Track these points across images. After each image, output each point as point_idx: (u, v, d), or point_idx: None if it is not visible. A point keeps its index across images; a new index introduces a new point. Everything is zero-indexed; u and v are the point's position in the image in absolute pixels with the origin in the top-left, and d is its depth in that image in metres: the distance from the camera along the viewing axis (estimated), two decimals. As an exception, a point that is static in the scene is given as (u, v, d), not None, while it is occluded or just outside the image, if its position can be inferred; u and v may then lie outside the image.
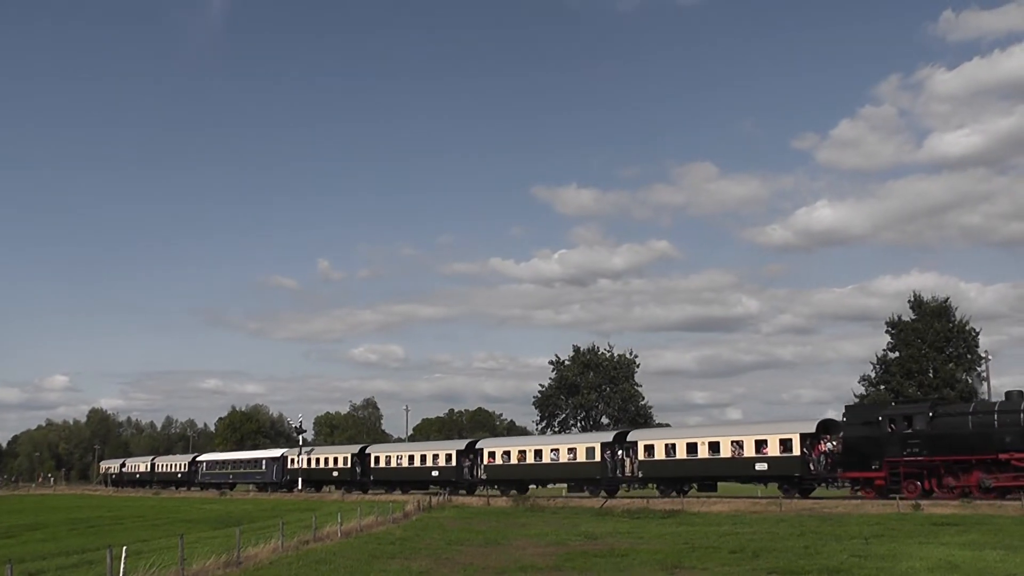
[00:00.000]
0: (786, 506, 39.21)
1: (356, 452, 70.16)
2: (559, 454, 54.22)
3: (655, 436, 51.54)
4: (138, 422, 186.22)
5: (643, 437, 51.26)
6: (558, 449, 54.76)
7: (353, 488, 67.61)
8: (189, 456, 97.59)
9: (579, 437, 58.38)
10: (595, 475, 51.65)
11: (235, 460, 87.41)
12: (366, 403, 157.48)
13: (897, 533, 26.96)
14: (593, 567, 21.01)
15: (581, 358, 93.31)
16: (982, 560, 20.03)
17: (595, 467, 51.60)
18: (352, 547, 26.40)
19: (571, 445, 54.34)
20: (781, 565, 20.29)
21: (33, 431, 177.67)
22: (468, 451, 60.92)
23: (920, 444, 38.85)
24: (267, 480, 78.78)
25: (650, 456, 49.24)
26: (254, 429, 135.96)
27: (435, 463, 61.86)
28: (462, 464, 60.15)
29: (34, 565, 25.14)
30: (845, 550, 22.59)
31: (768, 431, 45.71)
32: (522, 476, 56.77)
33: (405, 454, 65.85)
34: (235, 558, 22.48)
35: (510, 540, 28.06)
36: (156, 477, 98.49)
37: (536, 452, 55.87)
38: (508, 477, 57.28)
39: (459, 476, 59.84)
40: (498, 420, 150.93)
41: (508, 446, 59.28)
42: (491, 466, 58.10)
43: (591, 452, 51.96)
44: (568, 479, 54.97)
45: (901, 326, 68.25)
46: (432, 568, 21.40)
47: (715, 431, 48.99)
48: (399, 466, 65.12)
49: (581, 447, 53.01)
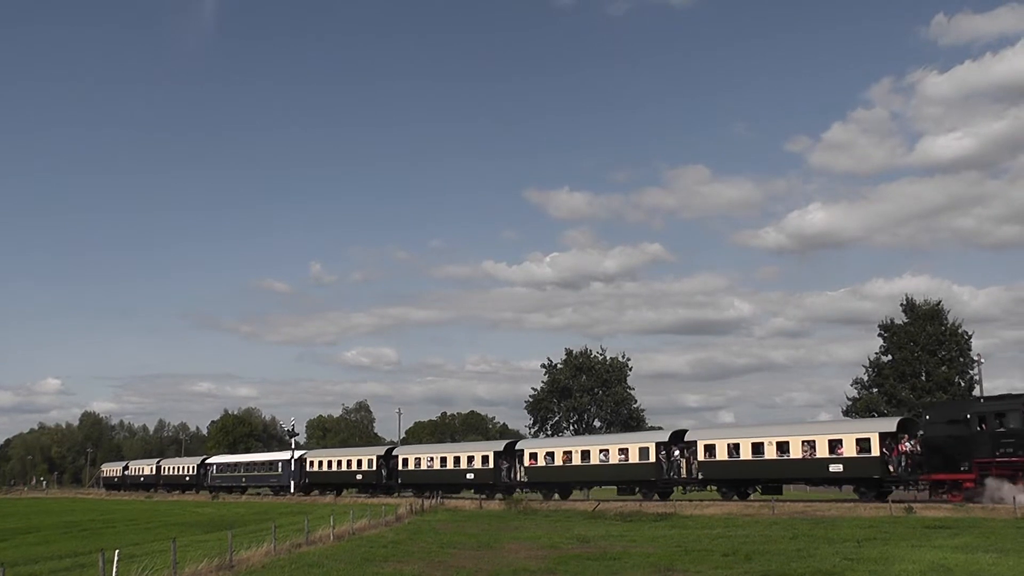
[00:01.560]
0: (779, 509, 39.20)
1: (382, 454, 67.68)
2: (609, 455, 51.17)
3: (717, 435, 48.30)
4: (131, 425, 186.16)
5: (703, 436, 48.29)
6: (608, 450, 51.59)
7: (378, 492, 65.05)
8: (198, 459, 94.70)
9: (632, 436, 55.00)
10: (649, 477, 48.97)
11: (248, 463, 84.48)
12: (359, 406, 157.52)
13: (890, 536, 27.00)
14: (586, 570, 21.00)
15: (574, 361, 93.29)
16: (975, 563, 20.04)
17: (649, 468, 48.83)
18: (344, 551, 26.35)
19: (623, 445, 51.33)
20: (774, 568, 20.31)
21: (25, 434, 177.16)
22: (507, 452, 58.12)
23: (1015, 444, 35.76)
24: (283, 483, 76.02)
25: (711, 456, 46.52)
26: (247, 432, 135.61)
27: (470, 465, 59.11)
28: (500, 466, 57.47)
29: (26, 569, 25.06)
30: (838, 553, 22.61)
31: (843, 430, 43.62)
32: (567, 479, 54.23)
33: (436, 456, 62.96)
34: (227, 562, 22.45)
35: (503, 543, 28.04)
36: (162, 480, 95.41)
37: (583, 453, 52.76)
38: (551, 480, 54.68)
39: (496, 479, 57.20)
40: (491, 423, 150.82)
41: (552, 447, 56.14)
42: (532, 468, 55.10)
43: (645, 452, 49.19)
44: (619, 481, 52.00)
45: (894, 329, 68.42)
46: (424, 571, 21.38)
47: (784, 430, 46.15)
48: (429, 468, 62.28)
49: (634, 447, 50.18)
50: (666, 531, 31.73)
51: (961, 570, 19.16)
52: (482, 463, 58.40)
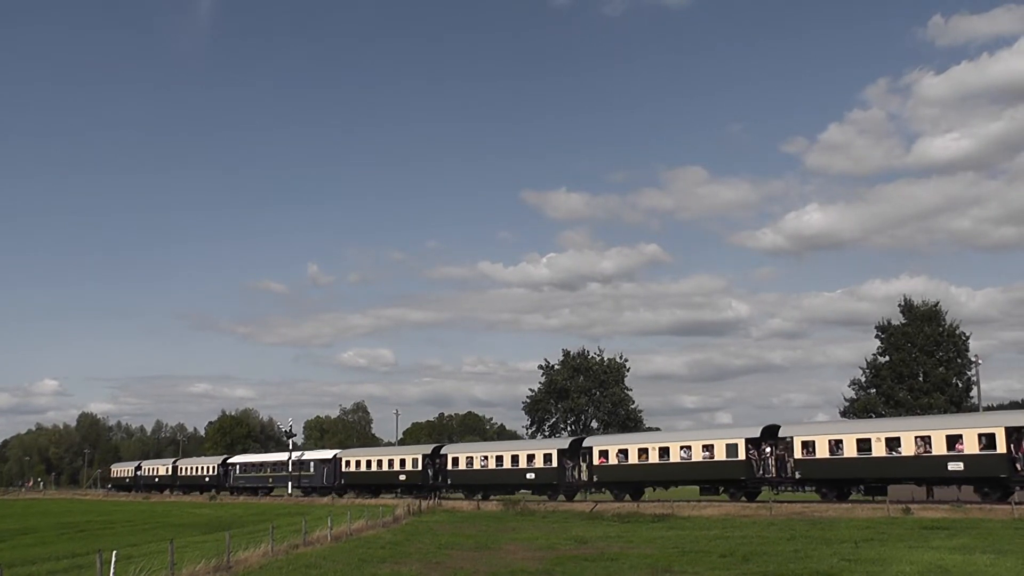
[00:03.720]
0: (776, 510, 39.22)
1: (428, 453, 63.76)
2: (691, 452, 47.72)
3: (816, 431, 45.14)
4: (128, 426, 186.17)
5: (801, 432, 45.18)
6: (690, 446, 48.07)
7: (423, 493, 60.66)
8: (219, 458, 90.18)
9: (718, 432, 50.75)
10: (738, 475, 45.76)
11: (276, 462, 78.95)
12: (356, 407, 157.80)
13: (887, 537, 27.03)
14: (583, 571, 21.00)
15: (571, 362, 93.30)
16: (972, 564, 20.06)
17: (738, 466, 45.56)
18: (342, 551, 26.35)
19: (707, 442, 47.70)
20: (771, 569, 20.32)
21: (23, 435, 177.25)
22: (573, 450, 54.43)
23: None
24: (315, 484, 71.69)
25: (809, 454, 43.33)
26: (244, 433, 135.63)
27: (530, 464, 55.30)
28: (564, 465, 53.79)
29: (24, 570, 25.02)
30: (835, 554, 22.63)
31: (963, 424, 40.32)
32: (642, 478, 50.47)
33: (492, 454, 59.03)
34: (225, 562, 22.43)
35: (500, 544, 28.05)
36: (179, 481, 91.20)
37: (662, 450, 49.02)
38: (624, 479, 51.03)
39: (561, 479, 53.68)
40: (488, 424, 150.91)
41: (625, 444, 52.00)
42: (603, 467, 51.35)
43: (733, 449, 45.86)
44: (702, 481, 48.37)
45: (891, 330, 68.50)
46: (422, 572, 21.38)
47: (894, 425, 43.31)
48: (483, 468, 58.35)
49: (720, 443, 46.67)
50: (664, 532, 31.75)
51: (958, 571, 19.17)
52: (544, 462, 54.58)
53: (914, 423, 42.83)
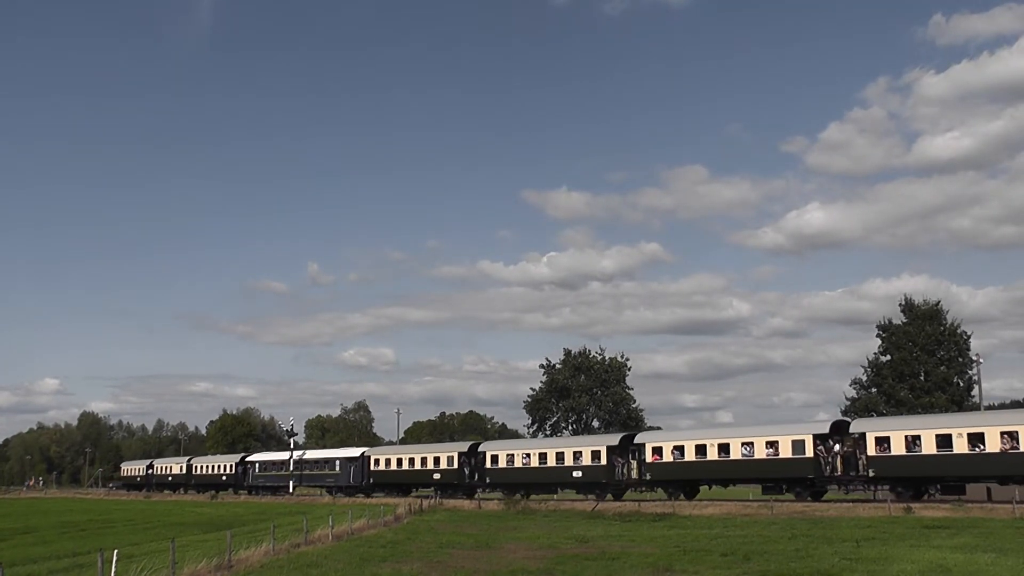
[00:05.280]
0: (777, 509, 39.22)
1: (465, 451, 61.67)
2: (753, 449, 45.71)
3: (890, 426, 42.89)
4: (129, 425, 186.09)
5: (874, 428, 43.08)
6: (752, 443, 46.00)
7: (459, 493, 59.98)
8: (236, 456, 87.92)
9: (783, 427, 48.33)
10: (805, 473, 43.80)
11: (299, 461, 76.36)
12: (357, 406, 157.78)
13: (888, 536, 27.02)
14: (584, 570, 20.99)
15: (572, 361, 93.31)
16: (974, 563, 20.04)
17: (805, 464, 43.62)
18: (343, 551, 26.35)
19: (771, 438, 45.54)
20: (772, 568, 20.30)
21: (24, 434, 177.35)
22: (624, 447, 52.34)
23: None
24: (341, 483, 69.38)
25: (884, 450, 41.28)
26: (245, 432, 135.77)
27: (577, 462, 53.11)
28: (614, 463, 51.77)
29: (25, 569, 25.02)
30: (836, 553, 22.62)
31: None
32: (699, 475, 48.61)
33: (535, 452, 56.97)
34: (226, 562, 22.44)
35: (501, 544, 28.04)
36: (194, 480, 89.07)
37: (721, 447, 46.99)
38: (679, 477, 49.07)
39: (610, 477, 51.59)
40: (489, 423, 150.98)
41: (681, 440, 49.71)
42: (656, 464, 49.26)
43: (800, 446, 43.87)
44: (764, 479, 46.45)
45: (892, 329, 68.44)
46: (423, 572, 21.37)
47: (977, 420, 41.19)
48: (526, 466, 56.18)
49: (785, 440, 44.72)
50: (665, 531, 31.74)
51: (960, 570, 19.16)
52: (592, 459, 52.51)
53: (1000, 417, 40.94)
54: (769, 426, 48.92)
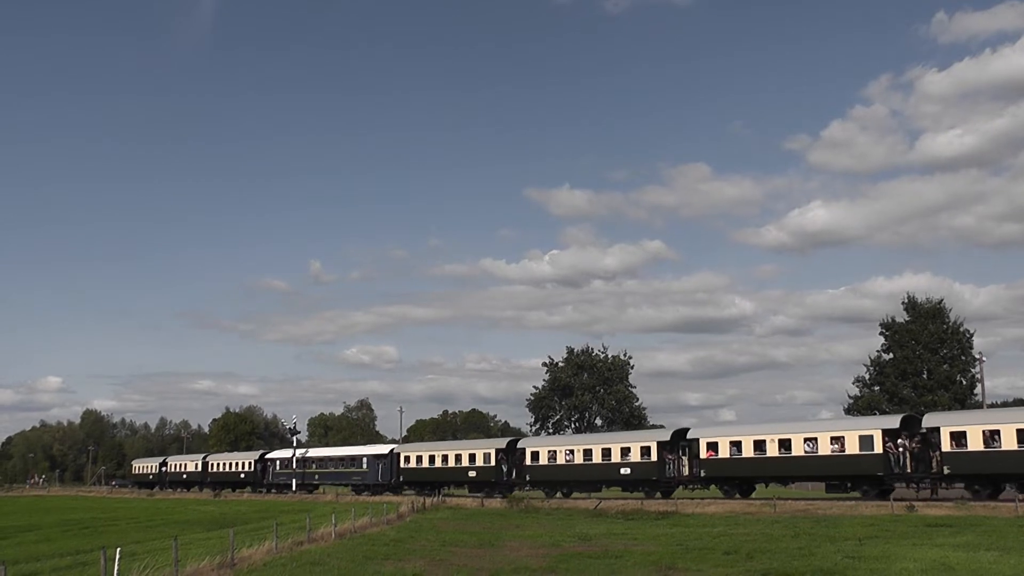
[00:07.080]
0: (780, 507, 39.21)
1: (503, 447, 59.40)
2: (816, 445, 43.37)
3: (967, 420, 40.50)
4: (132, 423, 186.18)
5: (950, 422, 40.51)
6: (815, 439, 43.54)
7: (494, 492, 57.37)
8: (255, 453, 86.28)
9: (849, 422, 45.70)
10: (874, 471, 41.50)
11: (322, 458, 74.90)
12: (360, 404, 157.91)
13: (891, 534, 27.00)
14: (587, 568, 20.98)
15: (575, 359, 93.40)
16: (976, 562, 20.01)
17: (873, 461, 41.35)
18: (346, 548, 26.36)
19: (836, 433, 43.26)
20: (775, 566, 20.29)
21: (27, 432, 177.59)
22: (675, 442, 49.98)
23: None
24: (368, 481, 67.07)
25: (960, 446, 38.84)
26: (248, 430, 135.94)
27: (624, 459, 50.80)
28: (664, 459, 49.51)
29: (28, 567, 25.09)
30: (839, 551, 22.60)
31: None
32: (758, 473, 46.22)
33: (578, 448, 54.29)
34: (229, 560, 22.45)
35: (504, 541, 28.06)
36: (210, 478, 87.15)
37: (781, 443, 44.51)
38: (736, 474, 46.87)
39: (660, 474, 49.34)
40: (492, 421, 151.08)
41: (738, 435, 47.01)
42: (711, 461, 46.95)
43: (867, 441, 41.63)
44: (829, 477, 44.31)
45: (895, 327, 68.47)
46: (426, 570, 21.37)
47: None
48: (569, 464, 53.80)
49: (852, 435, 42.38)
50: (667, 529, 31.75)
51: (962, 568, 19.13)
52: (642, 456, 50.08)
53: None
54: (835, 420, 45.89)
